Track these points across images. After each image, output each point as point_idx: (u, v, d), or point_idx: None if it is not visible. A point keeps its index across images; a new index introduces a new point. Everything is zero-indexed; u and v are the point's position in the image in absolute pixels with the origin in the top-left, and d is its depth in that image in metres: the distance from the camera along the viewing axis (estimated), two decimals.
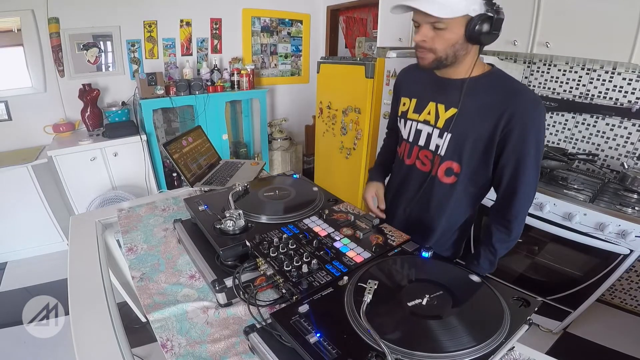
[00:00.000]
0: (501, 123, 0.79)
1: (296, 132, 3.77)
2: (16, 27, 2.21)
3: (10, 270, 2.25)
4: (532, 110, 0.77)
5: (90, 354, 0.69)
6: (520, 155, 0.80)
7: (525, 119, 0.77)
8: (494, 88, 0.81)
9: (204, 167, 1.55)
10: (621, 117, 1.76)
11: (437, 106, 0.89)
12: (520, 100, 0.77)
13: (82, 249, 1.04)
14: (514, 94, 0.79)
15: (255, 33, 3.17)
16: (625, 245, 1.43)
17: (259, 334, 0.64)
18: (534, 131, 0.78)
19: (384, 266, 0.77)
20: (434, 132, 0.90)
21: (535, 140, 0.78)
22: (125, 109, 2.61)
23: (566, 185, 1.67)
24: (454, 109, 0.85)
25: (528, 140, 0.78)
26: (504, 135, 0.80)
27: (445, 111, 0.87)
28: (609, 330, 1.80)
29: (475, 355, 0.55)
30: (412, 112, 0.96)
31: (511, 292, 0.68)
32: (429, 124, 0.91)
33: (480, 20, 0.73)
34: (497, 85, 0.82)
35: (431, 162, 0.93)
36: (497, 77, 0.84)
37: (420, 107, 0.94)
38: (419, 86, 0.94)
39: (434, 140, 0.91)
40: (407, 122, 0.98)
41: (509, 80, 0.83)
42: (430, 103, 0.90)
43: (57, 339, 1.55)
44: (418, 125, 0.94)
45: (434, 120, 0.90)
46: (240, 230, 0.90)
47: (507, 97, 0.78)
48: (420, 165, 0.97)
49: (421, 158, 0.96)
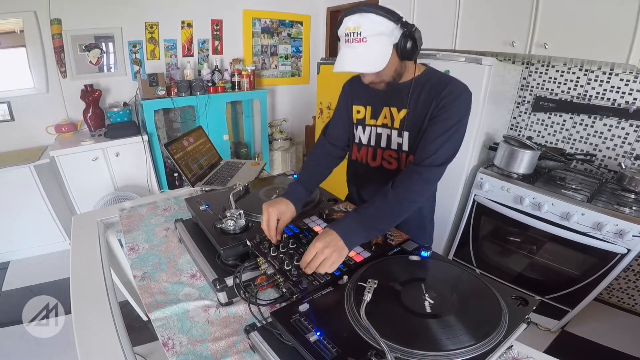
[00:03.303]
0: (432, 107, 0.88)
1: (296, 132, 3.77)
2: (19, 28, 2.22)
3: (13, 270, 2.26)
4: (456, 96, 0.85)
5: (92, 352, 0.70)
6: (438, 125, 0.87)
7: (449, 103, 0.85)
8: (430, 84, 0.90)
9: (204, 167, 1.56)
10: (619, 117, 1.77)
11: (390, 109, 0.96)
12: (447, 89, 0.86)
13: (84, 249, 1.05)
14: (443, 84, 0.87)
15: (256, 34, 3.18)
16: (622, 245, 1.43)
17: (259, 332, 0.65)
18: (453, 112, 0.85)
19: (384, 265, 0.78)
20: (393, 133, 0.98)
21: (456, 119, 0.85)
22: (127, 110, 2.62)
23: (564, 185, 1.68)
24: (404, 110, 0.93)
25: (451, 119, 0.85)
26: (435, 115, 0.88)
27: (398, 112, 0.95)
28: (607, 329, 1.81)
29: (474, 353, 0.55)
30: (369, 118, 1.02)
31: (510, 291, 0.69)
32: (387, 126, 0.99)
33: (404, 42, 0.80)
34: (431, 81, 0.90)
35: (397, 160, 1.00)
36: (431, 75, 0.92)
37: (375, 113, 1.00)
38: (370, 94, 0.99)
39: (395, 140, 0.98)
40: (366, 128, 1.03)
41: (440, 74, 0.92)
42: (384, 108, 0.98)
43: (60, 338, 1.56)
44: (377, 129, 1.01)
45: (390, 122, 0.97)
46: (241, 229, 0.91)
47: (438, 88, 0.87)
48: (386, 165, 1.03)
49: (386, 158, 1.02)
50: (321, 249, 0.73)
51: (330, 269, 0.73)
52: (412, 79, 0.91)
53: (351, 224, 0.79)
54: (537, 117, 2.10)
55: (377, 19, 0.77)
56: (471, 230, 1.98)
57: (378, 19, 0.77)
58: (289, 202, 0.92)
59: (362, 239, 0.80)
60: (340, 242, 0.75)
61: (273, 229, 0.86)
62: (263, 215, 0.87)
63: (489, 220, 1.91)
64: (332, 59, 2.65)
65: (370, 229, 0.80)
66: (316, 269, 0.73)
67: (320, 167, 1.09)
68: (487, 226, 1.94)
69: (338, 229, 0.77)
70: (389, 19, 0.77)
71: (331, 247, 0.74)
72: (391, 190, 0.83)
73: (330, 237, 0.75)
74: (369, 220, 0.80)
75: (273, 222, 0.86)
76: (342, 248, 0.75)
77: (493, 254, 1.96)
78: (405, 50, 0.81)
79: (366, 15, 0.77)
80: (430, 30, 1.58)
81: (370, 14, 0.76)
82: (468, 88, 0.87)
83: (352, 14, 0.78)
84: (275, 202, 0.90)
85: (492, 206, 1.82)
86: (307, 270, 0.73)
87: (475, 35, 1.93)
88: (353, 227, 0.79)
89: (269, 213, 0.86)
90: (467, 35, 1.97)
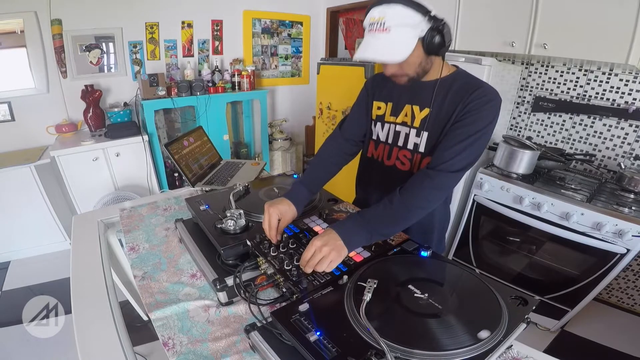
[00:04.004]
0: (457, 110, 0.85)
1: (296, 132, 3.78)
2: (19, 28, 2.22)
3: (13, 269, 2.26)
4: (486, 102, 0.82)
5: (92, 352, 0.70)
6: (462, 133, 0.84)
7: (476, 107, 0.82)
8: (459, 85, 0.87)
9: (205, 167, 1.57)
10: (618, 117, 1.77)
11: (412, 108, 0.94)
12: (476, 92, 0.83)
13: (85, 248, 1.05)
14: (473, 88, 0.84)
15: (256, 34, 3.18)
16: (622, 245, 1.44)
17: (259, 332, 0.65)
18: (480, 116, 0.82)
19: (384, 265, 0.78)
20: (412, 132, 0.95)
21: (481, 125, 0.82)
22: (127, 110, 2.62)
23: (564, 185, 1.69)
24: (427, 109, 0.91)
25: (475, 124, 0.82)
26: (459, 119, 0.85)
27: (420, 111, 0.93)
28: (606, 329, 1.81)
29: (473, 353, 0.55)
30: (389, 115, 1.00)
31: (509, 291, 0.69)
32: (406, 124, 0.96)
33: (431, 36, 0.78)
34: (461, 82, 0.88)
35: (410, 162, 0.98)
36: (461, 76, 0.90)
37: (396, 110, 0.98)
38: (393, 91, 0.98)
39: (412, 140, 0.96)
40: (385, 124, 1.01)
41: (470, 78, 0.89)
42: (406, 106, 0.96)
43: (60, 337, 1.57)
44: (396, 127, 0.99)
45: (411, 120, 0.95)
46: (241, 229, 0.91)
47: (467, 91, 0.84)
48: (400, 165, 1.01)
49: (400, 158, 1.00)
50: (319, 247, 0.73)
51: (329, 267, 0.74)
52: (438, 78, 0.88)
53: (353, 225, 0.79)
54: (536, 117, 2.10)
55: (402, 10, 0.75)
56: (471, 230, 1.99)
57: (404, 10, 0.75)
58: (291, 203, 0.90)
59: (364, 241, 0.79)
60: (340, 242, 0.75)
61: (274, 229, 0.85)
62: (264, 215, 0.86)
63: (489, 220, 1.91)
64: (332, 60, 2.65)
65: (372, 232, 0.79)
66: (314, 267, 0.73)
67: (328, 164, 1.07)
68: (486, 226, 1.94)
69: (339, 229, 0.77)
70: (415, 10, 0.75)
71: (329, 245, 0.74)
72: (398, 195, 0.81)
73: (329, 236, 0.75)
74: (372, 224, 0.79)
75: (274, 222, 0.85)
76: (341, 248, 0.75)
77: (493, 254, 1.96)
78: (431, 45, 0.79)
79: (392, 6, 0.75)
80: None
81: (397, 4, 0.75)
82: (499, 95, 0.84)
83: (379, 4, 0.77)
84: (277, 202, 0.89)
85: (492, 206, 1.83)
86: (306, 269, 0.74)
87: (475, 35, 1.94)
88: (354, 228, 0.78)
89: (270, 213, 0.85)
90: (466, 35, 1.97)
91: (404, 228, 0.83)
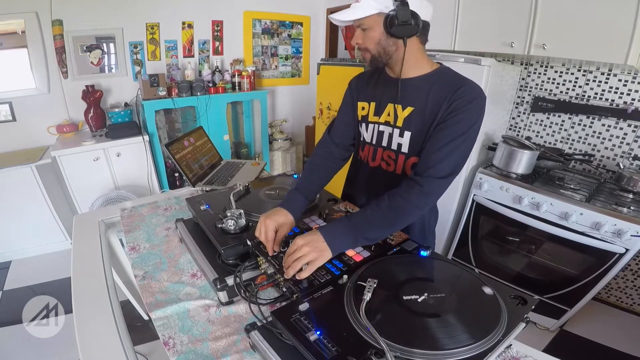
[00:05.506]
0: (442, 110, 0.84)
1: (297, 132, 3.78)
2: (20, 29, 2.23)
3: (14, 269, 2.26)
4: (470, 100, 0.81)
5: (93, 351, 0.70)
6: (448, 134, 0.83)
7: (461, 106, 0.81)
8: (442, 83, 0.86)
9: (205, 167, 1.57)
10: (617, 118, 1.78)
11: (395, 107, 0.92)
12: (460, 90, 0.82)
13: (85, 248, 1.06)
14: (457, 85, 0.83)
15: (256, 35, 3.18)
16: (620, 244, 1.44)
17: (259, 331, 0.65)
18: (464, 116, 0.81)
19: (383, 265, 0.78)
20: (395, 132, 0.93)
21: (467, 125, 0.81)
22: (128, 110, 2.62)
23: (563, 185, 1.69)
24: (410, 108, 0.89)
25: (461, 124, 0.81)
26: (443, 119, 0.84)
27: (403, 110, 0.91)
28: (605, 328, 1.81)
29: (473, 352, 0.56)
30: (372, 115, 0.98)
31: (508, 291, 0.70)
32: (389, 124, 0.95)
33: (393, 15, 0.79)
34: (444, 80, 0.87)
35: (394, 162, 0.96)
36: (444, 73, 0.89)
37: (379, 110, 0.96)
38: (376, 90, 0.97)
39: (395, 140, 0.94)
40: (369, 125, 1.00)
41: (454, 75, 0.88)
42: (388, 104, 0.94)
43: (61, 337, 1.57)
44: (380, 127, 0.97)
45: (393, 120, 0.93)
46: (241, 229, 0.92)
47: (451, 89, 0.83)
48: (385, 166, 0.99)
49: (385, 159, 0.98)
50: (300, 246, 0.73)
51: (308, 269, 0.72)
52: (420, 75, 0.88)
53: (338, 228, 0.78)
54: (535, 117, 2.10)
55: None
56: (470, 230, 1.99)
57: None
58: (288, 213, 0.88)
59: (349, 245, 0.78)
60: (323, 244, 0.74)
61: (271, 242, 0.82)
62: (260, 227, 0.83)
63: (488, 220, 1.91)
64: (332, 60, 2.66)
65: (358, 235, 0.77)
66: (292, 266, 0.72)
67: (320, 171, 1.04)
68: (486, 226, 1.94)
69: (324, 230, 0.76)
70: None
71: (310, 246, 0.73)
72: (386, 199, 0.80)
73: (312, 237, 0.75)
74: (358, 227, 0.78)
75: (271, 234, 0.82)
76: (323, 249, 0.74)
77: (492, 254, 1.97)
78: (391, 24, 0.80)
79: None
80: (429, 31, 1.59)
81: None
82: (483, 92, 0.83)
83: None
84: (273, 214, 0.86)
85: (491, 206, 1.83)
86: (287, 272, 0.72)
87: (475, 36, 1.94)
88: (339, 231, 0.77)
89: (266, 225, 0.82)
90: (466, 36, 1.97)
91: (391, 233, 0.82)
